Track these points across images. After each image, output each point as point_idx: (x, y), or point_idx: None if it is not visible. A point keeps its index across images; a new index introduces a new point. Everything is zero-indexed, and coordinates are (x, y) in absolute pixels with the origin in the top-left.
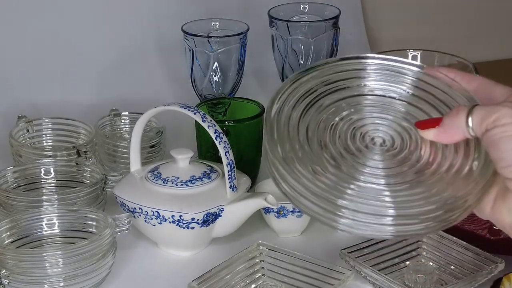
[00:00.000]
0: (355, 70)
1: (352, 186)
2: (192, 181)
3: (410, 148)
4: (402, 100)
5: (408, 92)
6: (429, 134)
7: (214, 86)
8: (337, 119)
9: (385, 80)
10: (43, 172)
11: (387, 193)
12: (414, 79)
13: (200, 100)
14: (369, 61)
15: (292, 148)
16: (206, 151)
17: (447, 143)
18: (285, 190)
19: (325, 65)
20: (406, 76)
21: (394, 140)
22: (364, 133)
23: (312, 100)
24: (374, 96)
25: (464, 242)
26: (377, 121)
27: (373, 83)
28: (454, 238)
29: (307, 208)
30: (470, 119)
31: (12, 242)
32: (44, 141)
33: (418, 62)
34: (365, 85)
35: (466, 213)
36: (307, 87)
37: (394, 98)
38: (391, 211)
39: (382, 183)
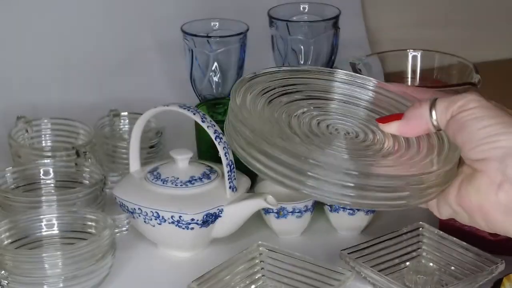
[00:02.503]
0: (322, 80)
1: (318, 155)
2: (192, 182)
3: (373, 140)
4: (364, 108)
5: (369, 102)
6: (391, 128)
7: (213, 86)
8: (299, 112)
9: (349, 90)
10: (42, 172)
11: (352, 164)
12: (375, 92)
13: (200, 100)
14: (336, 74)
15: (259, 122)
16: (205, 152)
17: (410, 136)
18: (246, 154)
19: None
20: (368, 88)
21: (358, 133)
22: (328, 124)
23: (274, 94)
24: (338, 102)
25: (465, 243)
26: (340, 120)
27: (338, 92)
28: (455, 238)
29: (271, 170)
30: (433, 110)
31: (11, 242)
32: (43, 142)
33: (371, 78)
34: (330, 92)
35: (426, 198)
36: (271, 84)
37: (357, 105)
38: (354, 173)
39: (346, 157)
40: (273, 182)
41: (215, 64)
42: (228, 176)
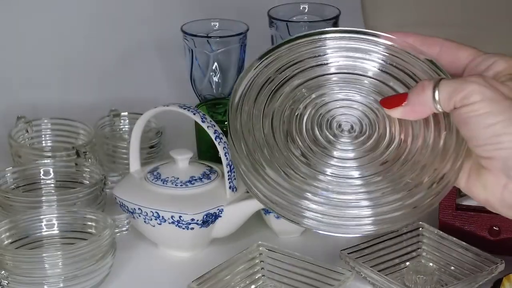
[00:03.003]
0: (313, 49)
1: (318, 184)
2: (192, 182)
3: (379, 131)
4: (367, 76)
5: (372, 67)
6: (396, 113)
7: (213, 87)
8: (301, 106)
9: (346, 56)
10: (42, 172)
11: (360, 188)
12: (378, 53)
13: (200, 101)
14: (327, 36)
15: (256, 144)
16: (205, 152)
17: (414, 119)
18: (252, 190)
19: (280, 47)
20: (369, 51)
21: (362, 123)
22: (330, 119)
23: (273, 89)
24: (337, 74)
25: (464, 243)
26: (342, 103)
27: (333, 60)
28: (454, 238)
29: (275, 208)
30: (436, 94)
31: (12, 242)
32: (43, 142)
33: (376, 32)
34: (325, 63)
35: (446, 191)
36: (265, 77)
37: (358, 74)
38: (367, 212)
39: (355, 176)
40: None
41: (215, 64)
42: (228, 176)
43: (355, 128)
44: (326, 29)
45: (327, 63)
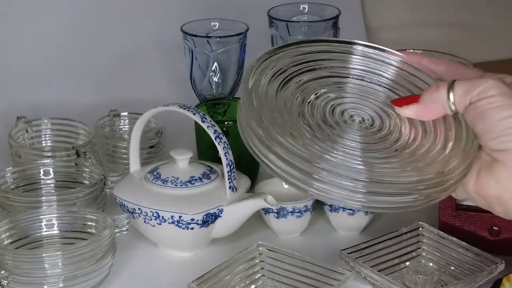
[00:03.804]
0: (339, 53)
1: (328, 155)
2: (192, 182)
3: (389, 128)
4: (382, 86)
5: (387, 79)
6: (408, 111)
7: (213, 87)
8: (313, 96)
9: (367, 66)
10: (42, 172)
11: (362, 164)
12: (394, 68)
13: (200, 101)
14: (355, 47)
15: (271, 116)
16: (205, 152)
17: (426, 119)
18: (258, 152)
19: (306, 43)
20: (387, 65)
21: (374, 120)
22: (343, 110)
23: (289, 75)
24: (355, 80)
25: (464, 243)
26: (356, 103)
27: (355, 67)
28: (454, 238)
29: (281, 170)
30: (451, 93)
31: (11, 243)
32: (43, 142)
33: (394, 51)
34: (347, 68)
35: (450, 191)
36: (285, 62)
37: (375, 83)
38: (364, 176)
39: (359, 154)
40: (282, 181)
41: (215, 64)
42: (228, 176)
43: (366, 122)
44: (354, 40)
45: (348, 68)
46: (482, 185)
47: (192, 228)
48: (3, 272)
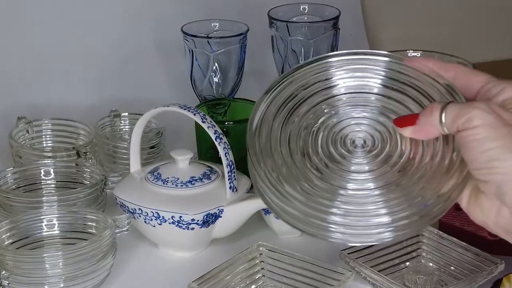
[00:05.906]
0: (320, 73)
1: (339, 198)
2: (192, 182)
3: (391, 145)
4: (377, 94)
5: (381, 85)
6: (407, 131)
7: (214, 87)
8: (316, 125)
9: (355, 76)
10: (43, 173)
11: (378, 198)
12: (386, 70)
13: (200, 101)
14: (332, 59)
15: (275, 164)
16: (206, 152)
17: (424, 139)
18: (273, 208)
19: (296, 72)
20: (377, 68)
21: (375, 138)
22: (344, 136)
23: (292, 107)
24: (348, 95)
25: (464, 243)
26: (355, 121)
27: (342, 81)
28: (454, 238)
29: (297, 226)
30: (443, 117)
31: (12, 243)
32: (44, 142)
33: (394, 54)
34: (335, 85)
35: (449, 206)
36: (286, 95)
37: (368, 92)
38: (384, 219)
39: (372, 187)
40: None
41: (215, 64)
42: (229, 176)
43: (368, 143)
44: (365, 51)
45: (336, 85)
46: (470, 210)
47: (193, 228)
48: (3, 272)
